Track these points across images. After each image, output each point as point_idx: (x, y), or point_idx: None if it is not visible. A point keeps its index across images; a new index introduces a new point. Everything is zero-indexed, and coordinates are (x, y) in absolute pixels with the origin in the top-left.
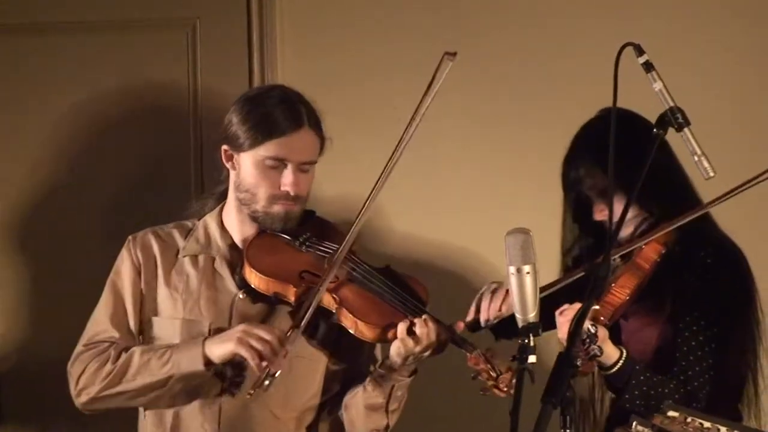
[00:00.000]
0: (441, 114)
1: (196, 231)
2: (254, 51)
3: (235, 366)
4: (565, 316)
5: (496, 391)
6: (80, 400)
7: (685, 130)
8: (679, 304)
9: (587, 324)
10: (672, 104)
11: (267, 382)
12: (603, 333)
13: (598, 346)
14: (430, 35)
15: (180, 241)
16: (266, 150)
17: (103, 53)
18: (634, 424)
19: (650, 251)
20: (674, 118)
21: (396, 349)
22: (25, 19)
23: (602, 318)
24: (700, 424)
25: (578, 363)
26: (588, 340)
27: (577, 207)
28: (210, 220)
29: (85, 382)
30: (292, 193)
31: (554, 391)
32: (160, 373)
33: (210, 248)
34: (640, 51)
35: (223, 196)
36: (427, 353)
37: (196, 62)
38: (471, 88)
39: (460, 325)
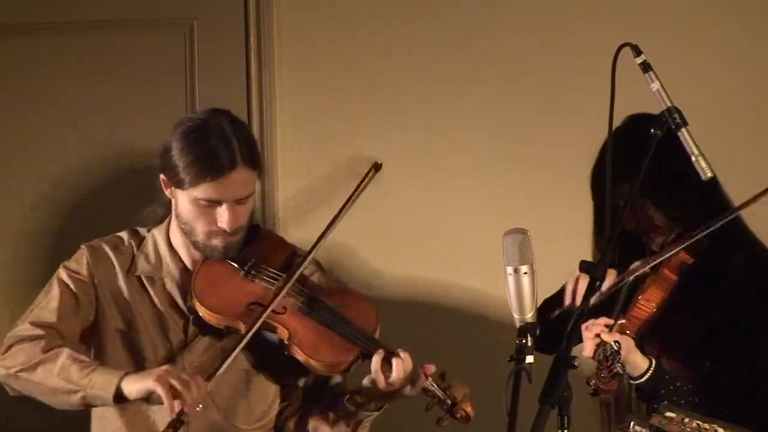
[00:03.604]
0: (438, 116)
1: (145, 247)
2: (251, 51)
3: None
4: (590, 331)
5: (452, 418)
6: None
7: (683, 130)
8: (711, 314)
9: (611, 341)
10: (669, 104)
11: (178, 424)
12: (627, 343)
13: (621, 364)
14: (427, 38)
15: (134, 251)
16: (199, 192)
17: (100, 53)
18: (632, 424)
19: (677, 262)
20: (672, 119)
21: (367, 386)
22: (21, 19)
23: (629, 332)
24: (698, 424)
25: (602, 381)
26: (611, 357)
27: (603, 205)
28: (158, 236)
29: (12, 356)
30: (228, 230)
31: (552, 391)
32: (73, 384)
33: (161, 270)
34: (637, 51)
35: (170, 205)
36: (398, 393)
37: (194, 63)
38: (467, 91)
39: (431, 369)
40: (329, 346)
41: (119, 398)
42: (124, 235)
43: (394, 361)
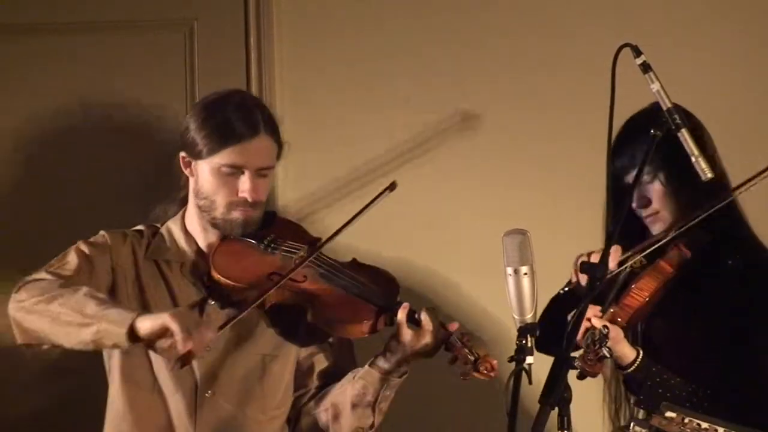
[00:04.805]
0: (438, 116)
1: (160, 236)
2: (252, 52)
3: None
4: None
5: (476, 374)
6: (11, 306)
7: (683, 131)
8: (704, 310)
9: (600, 325)
10: (669, 105)
11: (179, 364)
12: (616, 333)
13: (608, 348)
14: (428, 39)
15: (151, 239)
16: (222, 158)
17: (100, 54)
18: (632, 425)
19: (674, 255)
20: (672, 119)
21: (392, 344)
22: (21, 19)
23: (620, 320)
24: (698, 424)
25: (587, 364)
26: (598, 342)
27: (617, 197)
28: (173, 225)
29: (27, 290)
30: (250, 200)
31: (552, 391)
32: (87, 318)
33: (177, 254)
34: (637, 52)
35: (184, 202)
36: (422, 345)
37: (194, 63)
38: (467, 90)
39: (454, 326)
40: (352, 309)
41: (132, 336)
42: (140, 227)
43: (422, 314)
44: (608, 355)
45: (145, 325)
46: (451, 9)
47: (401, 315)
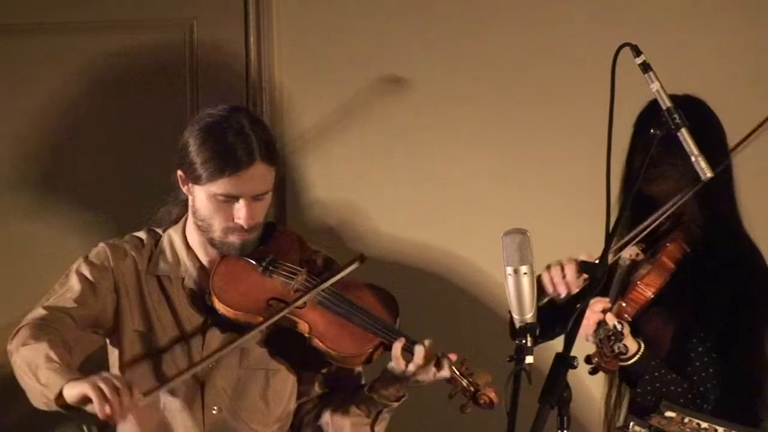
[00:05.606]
0: (436, 117)
1: (162, 247)
2: (251, 52)
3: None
4: (591, 308)
5: (475, 406)
6: (8, 350)
7: (683, 130)
8: (694, 306)
9: (614, 321)
10: (669, 105)
11: (103, 429)
12: (625, 326)
13: (624, 344)
14: (427, 39)
15: (153, 250)
16: (218, 187)
17: (100, 54)
18: (631, 424)
19: (675, 250)
20: (671, 119)
21: (388, 374)
22: (21, 19)
23: (626, 315)
24: (698, 424)
25: (603, 359)
26: (613, 338)
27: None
28: (174, 235)
29: (16, 339)
30: (245, 226)
31: (551, 391)
32: (34, 376)
33: (179, 269)
34: (637, 52)
35: (187, 205)
36: (419, 377)
37: (193, 63)
38: (465, 90)
39: (453, 357)
40: (350, 338)
41: (61, 401)
42: (142, 234)
43: (416, 348)
44: (625, 351)
45: (71, 392)
46: (451, 8)
47: (396, 348)
